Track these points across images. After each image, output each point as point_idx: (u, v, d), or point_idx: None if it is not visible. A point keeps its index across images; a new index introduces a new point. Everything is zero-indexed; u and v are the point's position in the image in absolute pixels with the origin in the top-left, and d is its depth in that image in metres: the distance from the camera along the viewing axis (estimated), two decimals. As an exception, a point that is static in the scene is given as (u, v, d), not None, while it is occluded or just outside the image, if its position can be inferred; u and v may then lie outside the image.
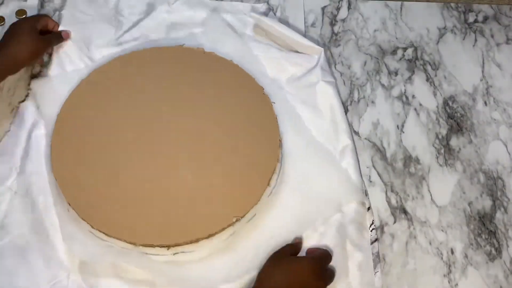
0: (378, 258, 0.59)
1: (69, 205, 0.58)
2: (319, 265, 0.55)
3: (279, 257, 0.55)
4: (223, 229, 0.57)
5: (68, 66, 0.71)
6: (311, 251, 0.58)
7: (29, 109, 0.66)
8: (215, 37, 0.74)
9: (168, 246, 0.56)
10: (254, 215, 0.59)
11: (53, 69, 0.70)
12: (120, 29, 0.75)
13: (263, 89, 0.67)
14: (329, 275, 0.56)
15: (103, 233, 0.56)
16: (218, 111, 0.65)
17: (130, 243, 0.56)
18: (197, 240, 0.56)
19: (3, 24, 0.74)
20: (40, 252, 0.56)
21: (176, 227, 0.56)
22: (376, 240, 0.60)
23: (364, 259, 0.58)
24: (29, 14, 0.75)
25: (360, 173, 0.64)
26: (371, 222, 0.61)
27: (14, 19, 0.75)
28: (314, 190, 0.62)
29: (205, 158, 0.61)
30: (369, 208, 0.62)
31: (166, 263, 0.56)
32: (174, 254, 0.56)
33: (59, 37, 0.71)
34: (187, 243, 0.56)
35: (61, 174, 0.59)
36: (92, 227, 0.56)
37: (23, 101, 0.67)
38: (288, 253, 0.56)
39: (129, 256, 0.56)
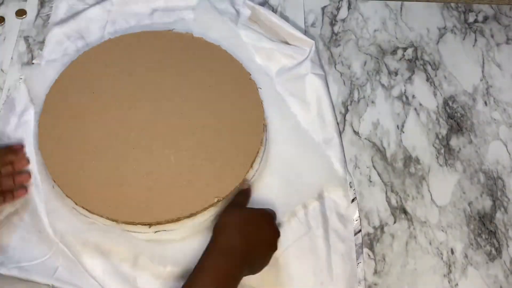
0: (361, 249, 0.60)
1: (54, 181, 0.59)
2: (271, 215, 0.56)
3: (232, 209, 0.56)
4: (205, 209, 0.58)
5: (60, 52, 0.71)
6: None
7: (20, 93, 0.67)
8: (205, 23, 0.75)
9: (150, 224, 0.57)
10: None
11: (45, 56, 0.71)
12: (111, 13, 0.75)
13: (250, 74, 0.68)
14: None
15: (86, 209, 0.57)
16: (204, 95, 0.66)
17: (112, 220, 0.57)
18: (178, 219, 0.57)
19: (3, 24, 0.74)
20: (34, 228, 0.58)
21: (158, 206, 0.57)
22: (359, 231, 0.61)
23: (347, 250, 0.59)
24: (29, 14, 0.76)
25: (346, 166, 0.65)
26: (356, 214, 0.62)
27: (14, 19, 0.75)
28: (296, 175, 0.63)
29: (189, 140, 0.62)
30: (353, 200, 0.62)
31: (148, 241, 0.57)
32: (155, 232, 0.57)
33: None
34: (168, 222, 0.57)
35: (47, 151, 0.61)
36: (76, 204, 0.58)
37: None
38: (240, 204, 0.58)
39: (111, 233, 0.57)
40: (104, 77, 0.67)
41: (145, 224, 0.57)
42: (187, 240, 0.57)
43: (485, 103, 0.72)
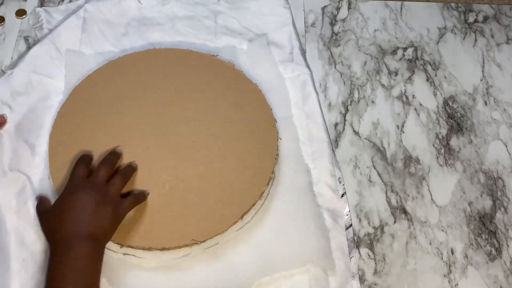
0: (353, 244, 0.60)
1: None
2: (102, 190, 0.54)
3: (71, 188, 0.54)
4: (178, 247, 0.56)
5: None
6: None
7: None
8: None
9: (121, 245, 0.56)
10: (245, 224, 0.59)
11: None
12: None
13: (273, 119, 0.66)
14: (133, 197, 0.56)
15: None
16: (215, 118, 0.64)
17: None
18: (149, 249, 0.56)
19: (3, 24, 0.74)
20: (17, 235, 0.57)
21: (135, 232, 0.56)
22: (350, 225, 0.61)
23: (340, 245, 0.59)
24: (29, 14, 0.76)
25: (334, 161, 0.64)
26: (346, 209, 0.62)
27: (14, 19, 0.75)
28: (287, 242, 0.60)
29: (193, 170, 0.61)
30: (343, 195, 0.63)
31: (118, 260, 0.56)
32: (124, 254, 0.56)
33: None
34: (139, 248, 0.56)
35: (56, 172, 0.60)
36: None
37: None
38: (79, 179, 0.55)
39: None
40: (113, 97, 0.66)
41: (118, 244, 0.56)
42: (154, 271, 0.56)
43: (485, 103, 0.72)
